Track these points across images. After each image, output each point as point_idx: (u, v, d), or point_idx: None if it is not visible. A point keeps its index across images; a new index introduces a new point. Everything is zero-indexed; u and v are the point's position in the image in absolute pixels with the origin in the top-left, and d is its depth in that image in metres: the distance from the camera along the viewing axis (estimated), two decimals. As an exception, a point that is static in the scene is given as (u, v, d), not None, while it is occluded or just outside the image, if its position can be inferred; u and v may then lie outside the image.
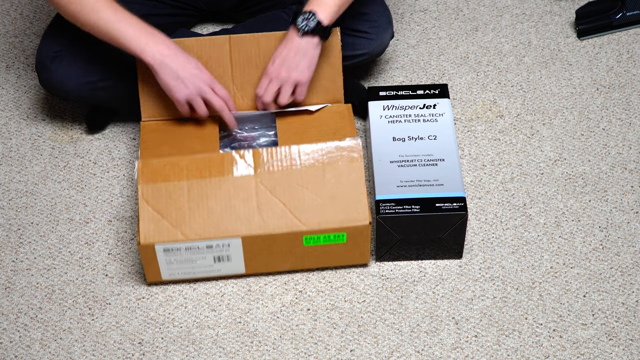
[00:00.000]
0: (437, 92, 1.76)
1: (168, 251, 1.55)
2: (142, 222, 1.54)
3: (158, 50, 1.59)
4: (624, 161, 1.80)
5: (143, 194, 1.55)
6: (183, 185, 1.55)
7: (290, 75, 1.63)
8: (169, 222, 1.54)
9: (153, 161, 1.57)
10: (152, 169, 1.56)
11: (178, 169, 1.56)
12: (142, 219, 1.54)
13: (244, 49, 1.69)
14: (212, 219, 1.55)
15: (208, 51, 1.68)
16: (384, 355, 1.53)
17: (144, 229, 1.53)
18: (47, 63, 1.74)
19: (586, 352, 1.53)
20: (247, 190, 1.56)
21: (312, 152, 1.58)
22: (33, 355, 1.54)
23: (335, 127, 1.69)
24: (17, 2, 2.13)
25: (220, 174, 1.56)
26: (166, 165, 1.57)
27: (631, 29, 2.05)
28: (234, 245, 1.56)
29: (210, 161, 1.57)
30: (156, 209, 1.55)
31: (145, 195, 1.55)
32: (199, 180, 1.56)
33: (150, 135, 1.69)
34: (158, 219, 1.54)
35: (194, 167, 1.57)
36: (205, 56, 1.68)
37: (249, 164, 1.57)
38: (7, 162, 1.83)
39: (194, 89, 1.62)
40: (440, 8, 2.11)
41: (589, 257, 1.66)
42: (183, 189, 1.55)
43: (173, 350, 1.54)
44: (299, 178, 1.56)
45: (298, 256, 1.60)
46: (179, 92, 1.62)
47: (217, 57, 1.69)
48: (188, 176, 1.56)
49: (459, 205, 1.56)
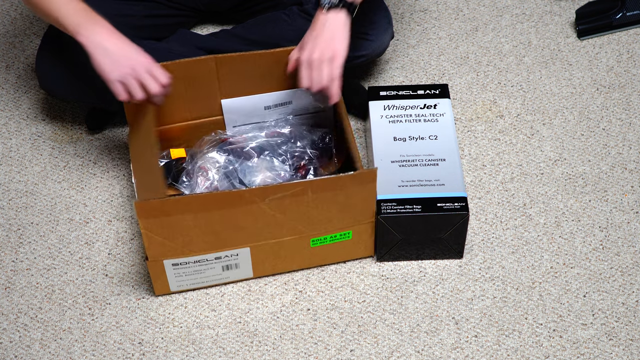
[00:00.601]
0: (437, 92, 1.76)
1: (177, 265, 1.54)
2: (148, 246, 1.49)
3: (95, 31, 1.54)
4: (624, 161, 1.80)
5: (145, 226, 1.47)
6: (187, 217, 1.48)
7: (324, 53, 1.57)
8: (176, 244, 1.50)
9: (152, 201, 1.44)
10: (151, 207, 1.45)
11: (179, 206, 1.47)
12: (148, 245, 1.49)
13: (231, 65, 1.66)
14: (219, 238, 1.52)
15: (194, 70, 1.65)
16: (384, 355, 1.53)
17: (150, 251, 1.50)
18: (47, 64, 1.74)
19: (586, 352, 1.53)
20: (255, 214, 1.50)
21: (325, 184, 1.50)
22: (33, 355, 1.54)
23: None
24: (17, 2, 2.13)
25: (227, 206, 1.48)
26: (165, 202, 1.45)
27: (631, 29, 2.06)
28: (242, 254, 1.55)
29: (215, 198, 1.47)
30: (161, 236, 1.49)
31: (147, 227, 1.47)
32: (205, 213, 1.48)
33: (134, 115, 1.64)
34: (164, 243, 1.50)
35: (197, 203, 1.47)
36: (191, 75, 1.65)
37: (257, 197, 1.48)
38: (7, 162, 1.83)
39: (128, 70, 1.54)
40: (440, 8, 2.11)
41: (589, 257, 1.66)
42: (187, 220, 1.48)
43: (173, 350, 1.54)
44: (309, 202, 1.52)
45: (305, 257, 1.60)
46: (111, 73, 1.54)
47: (204, 75, 1.66)
48: (192, 210, 1.47)
49: (460, 205, 1.56)
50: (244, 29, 1.85)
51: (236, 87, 1.68)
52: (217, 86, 1.68)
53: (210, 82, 1.67)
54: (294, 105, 1.73)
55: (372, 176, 1.52)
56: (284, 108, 1.74)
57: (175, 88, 1.65)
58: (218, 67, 1.65)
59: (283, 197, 1.49)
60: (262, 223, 1.52)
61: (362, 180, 1.51)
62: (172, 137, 1.73)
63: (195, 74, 1.65)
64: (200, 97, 1.69)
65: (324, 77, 1.58)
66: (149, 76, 1.55)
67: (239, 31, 1.85)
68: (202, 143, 1.71)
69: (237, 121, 1.73)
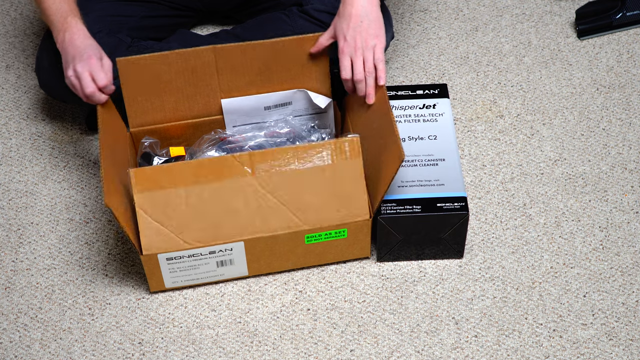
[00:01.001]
0: (436, 92, 1.76)
1: (171, 260, 1.54)
2: (143, 232, 1.51)
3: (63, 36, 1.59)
4: (624, 161, 1.80)
5: (139, 203, 1.51)
6: (180, 193, 1.51)
7: (367, 41, 1.56)
8: (170, 229, 1.52)
9: (146, 170, 1.51)
10: (146, 176, 1.51)
11: (172, 176, 1.51)
12: (142, 229, 1.51)
13: (230, 57, 1.66)
14: (213, 224, 1.53)
15: (193, 61, 1.65)
16: (384, 355, 1.53)
17: (145, 239, 1.51)
18: (47, 65, 1.74)
19: (586, 352, 1.53)
20: (246, 193, 1.53)
21: (310, 151, 1.55)
22: (33, 355, 1.54)
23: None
24: (17, 2, 2.13)
25: (218, 178, 1.53)
26: (160, 171, 1.52)
27: (631, 29, 2.06)
28: (236, 249, 1.56)
29: (206, 166, 1.52)
30: (155, 217, 1.51)
31: (141, 205, 1.51)
32: (196, 186, 1.52)
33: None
34: (158, 228, 1.52)
35: (189, 172, 1.52)
36: (190, 66, 1.65)
37: (246, 166, 1.54)
38: (7, 162, 1.83)
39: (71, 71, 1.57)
40: (440, 8, 2.11)
41: (589, 257, 1.66)
42: (181, 196, 1.52)
43: (173, 350, 1.54)
44: (297, 178, 1.54)
45: (300, 255, 1.60)
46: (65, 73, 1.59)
47: (203, 66, 1.66)
48: (184, 182, 1.52)
49: (460, 205, 1.56)
50: (243, 29, 1.85)
51: (235, 79, 1.68)
52: (217, 79, 1.67)
53: (209, 74, 1.67)
54: (294, 106, 1.73)
55: (355, 147, 1.52)
56: (284, 109, 1.74)
57: (174, 82, 1.66)
58: (217, 59, 1.65)
59: (271, 167, 1.52)
60: (254, 206, 1.53)
61: (344, 149, 1.52)
62: (172, 135, 1.73)
63: (194, 65, 1.65)
64: (199, 93, 1.69)
65: (369, 65, 1.56)
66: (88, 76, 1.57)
67: (239, 31, 1.85)
68: (202, 142, 1.71)
69: (237, 121, 1.73)
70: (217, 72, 1.67)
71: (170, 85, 1.66)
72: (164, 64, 1.63)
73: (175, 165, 1.52)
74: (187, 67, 1.65)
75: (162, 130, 1.71)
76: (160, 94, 1.67)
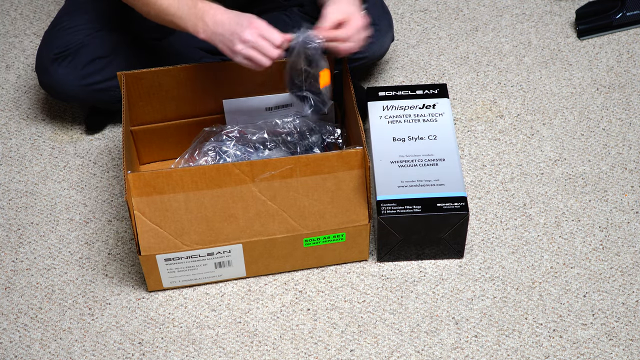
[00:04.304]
0: (436, 92, 1.76)
1: (169, 260, 1.54)
2: (141, 234, 1.51)
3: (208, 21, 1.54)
4: (624, 161, 1.80)
5: (138, 207, 1.50)
6: (179, 198, 1.51)
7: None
8: (169, 232, 1.52)
9: (144, 173, 1.50)
10: (144, 181, 1.50)
11: (172, 181, 1.51)
12: (141, 231, 1.51)
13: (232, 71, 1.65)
14: (211, 228, 1.53)
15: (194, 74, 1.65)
16: (384, 355, 1.53)
17: (143, 240, 1.51)
18: (47, 65, 1.74)
19: (586, 352, 1.53)
20: (246, 200, 1.53)
21: (313, 162, 1.53)
22: (33, 355, 1.54)
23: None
24: (17, 2, 2.14)
25: (217, 185, 1.52)
26: (159, 177, 1.50)
27: (631, 29, 2.06)
28: (235, 251, 1.56)
29: (206, 173, 1.51)
30: (153, 221, 1.51)
31: (140, 208, 1.50)
32: (196, 192, 1.51)
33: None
34: (156, 230, 1.51)
35: (188, 178, 1.51)
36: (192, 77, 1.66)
37: (246, 174, 1.52)
38: (7, 162, 1.83)
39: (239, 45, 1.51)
40: (440, 8, 2.11)
41: (589, 257, 1.66)
42: (179, 201, 1.51)
43: (173, 350, 1.54)
44: (298, 187, 1.54)
45: (298, 257, 1.60)
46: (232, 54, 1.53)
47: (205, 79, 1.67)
48: (184, 188, 1.51)
49: (460, 205, 1.56)
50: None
51: (237, 90, 1.69)
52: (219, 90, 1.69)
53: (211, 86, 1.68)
54: (295, 108, 1.73)
55: (358, 159, 1.52)
56: (285, 110, 1.74)
57: (175, 91, 1.67)
58: (219, 72, 1.66)
59: (272, 177, 1.51)
60: (254, 212, 1.53)
61: (349, 161, 1.52)
62: (171, 134, 1.73)
63: (195, 77, 1.66)
64: (200, 98, 1.69)
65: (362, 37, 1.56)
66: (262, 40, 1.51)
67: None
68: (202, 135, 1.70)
69: (239, 121, 1.73)
70: (219, 84, 1.67)
71: (172, 93, 1.67)
72: (166, 76, 1.64)
73: (174, 171, 1.51)
74: (189, 78, 1.66)
75: (161, 129, 1.72)
76: (162, 100, 1.68)
